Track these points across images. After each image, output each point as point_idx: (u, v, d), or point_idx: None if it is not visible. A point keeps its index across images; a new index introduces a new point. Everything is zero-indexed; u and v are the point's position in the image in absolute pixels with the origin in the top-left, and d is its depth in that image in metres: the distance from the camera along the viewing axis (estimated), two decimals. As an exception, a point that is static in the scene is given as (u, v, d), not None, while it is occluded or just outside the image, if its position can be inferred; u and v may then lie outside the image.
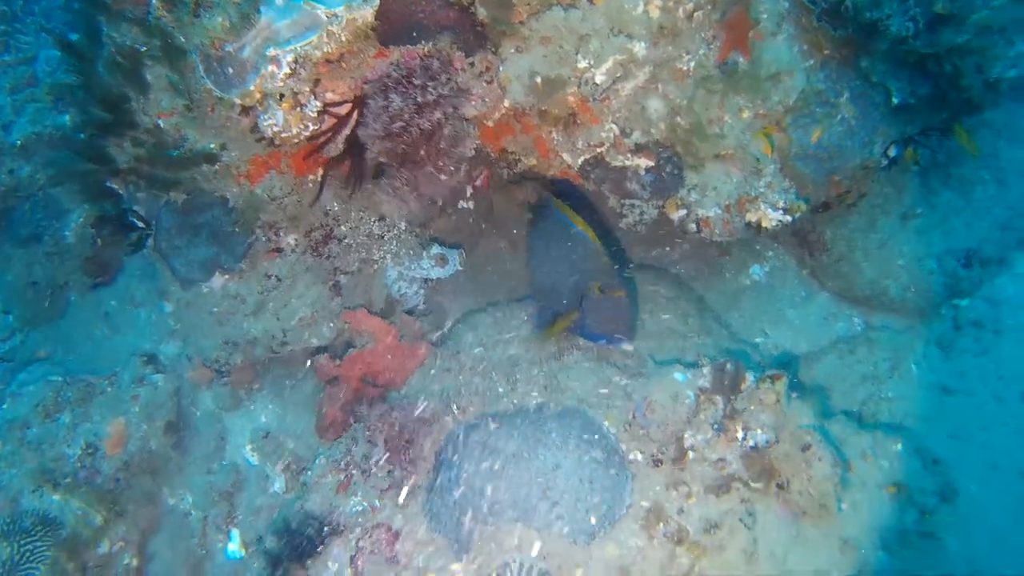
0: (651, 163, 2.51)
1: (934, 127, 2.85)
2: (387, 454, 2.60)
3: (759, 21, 2.40)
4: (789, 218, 2.61)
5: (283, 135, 2.31)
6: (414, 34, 2.28)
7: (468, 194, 3.07)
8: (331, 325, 2.90)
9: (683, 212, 2.60)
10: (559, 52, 2.26)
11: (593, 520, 2.36)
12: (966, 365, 2.95)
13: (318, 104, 2.31)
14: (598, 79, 2.28)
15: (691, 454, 2.39)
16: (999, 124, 3.21)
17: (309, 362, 2.89)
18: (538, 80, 2.28)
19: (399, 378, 2.90)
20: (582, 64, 2.26)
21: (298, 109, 2.27)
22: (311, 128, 2.36)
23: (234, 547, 2.87)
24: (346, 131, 2.47)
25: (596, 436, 2.49)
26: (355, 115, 2.42)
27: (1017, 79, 2.64)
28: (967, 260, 2.97)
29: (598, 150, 2.48)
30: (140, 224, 2.83)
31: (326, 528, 2.43)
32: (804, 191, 2.66)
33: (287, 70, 2.18)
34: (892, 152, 2.77)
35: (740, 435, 2.37)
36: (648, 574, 2.32)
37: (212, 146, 2.62)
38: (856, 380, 2.95)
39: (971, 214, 3.03)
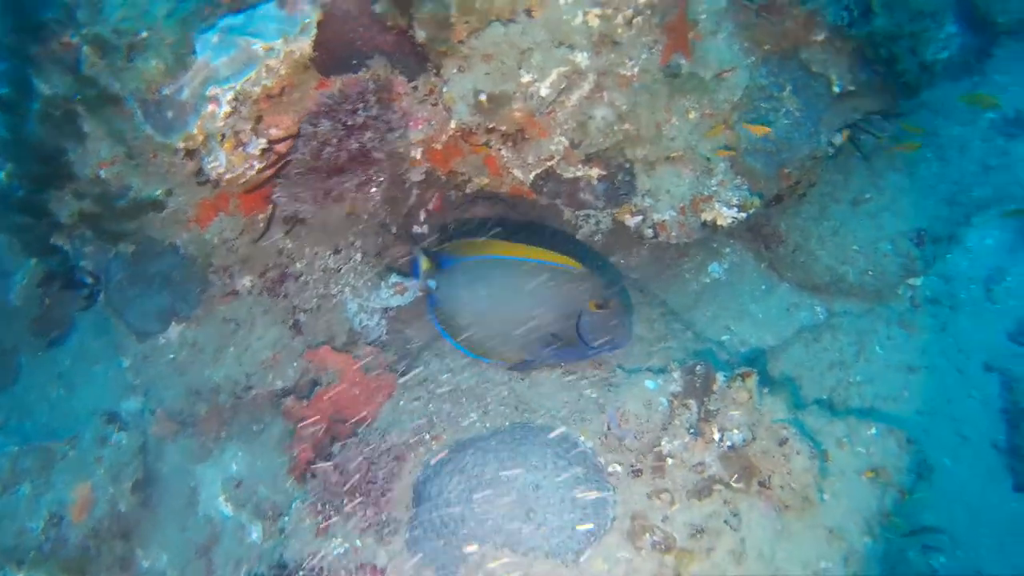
0: (603, 172, 2.51)
1: (875, 112, 2.91)
2: (363, 492, 2.55)
3: (698, 22, 2.42)
4: (744, 215, 2.63)
5: (227, 176, 2.26)
6: (354, 62, 2.25)
7: (422, 219, 3.05)
8: (295, 365, 2.85)
9: (639, 218, 2.60)
10: (502, 68, 2.24)
11: (579, 538, 2.33)
12: (927, 342, 3.00)
13: (262, 142, 2.26)
14: (543, 92, 2.27)
15: (670, 460, 2.38)
16: (935, 103, 3.29)
17: (276, 405, 2.83)
18: (483, 98, 2.27)
19: (369, 412, 2.85)
20: (526, 78, 2.25)
21: (240, 148, 2.23)
22: (256, 166, 2.31)
23: (216, 603, 2.79)
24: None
25: (573, 452, 2.47)
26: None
27: (949, 60, 2.71)
28: (919, 239, 3.02)
29: (548, 163, 2.47)
30: (89, 280, 2.75)
31: (310, 574, 2.37)
32: (756, 186, 2.68)
33: (227, 108, 2.13)
34: (836, 140, 2.81)
35: (717, 437, 2.36)
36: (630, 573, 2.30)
37: (158, 193, 2.56)
38: (824, 368, 2.99)
39: (918, 193, 3.09)
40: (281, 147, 2.36)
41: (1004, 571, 2.57)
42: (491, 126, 2.32)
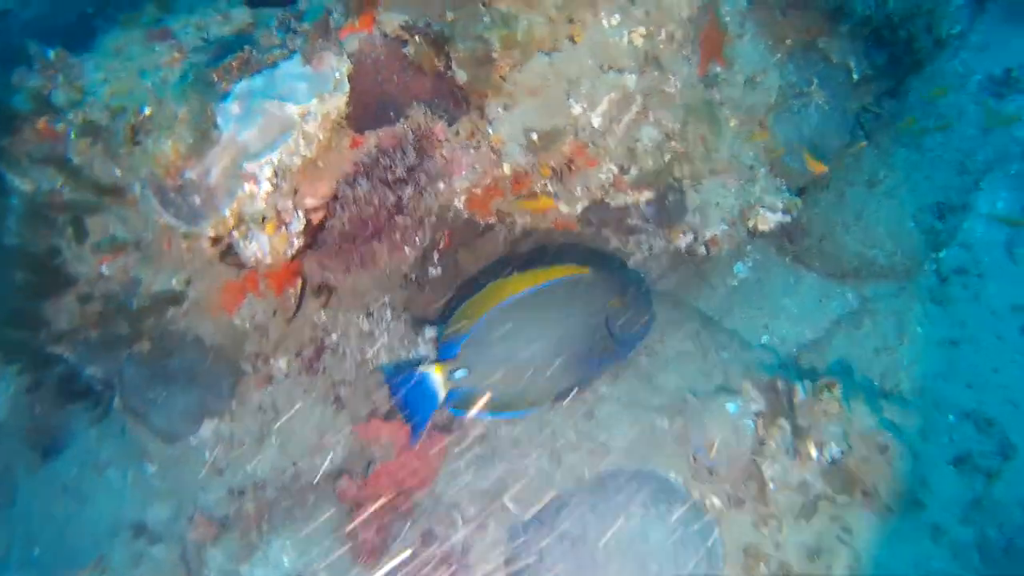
0: (651, 195, 2.39)
1: (886, 92, 2.90)
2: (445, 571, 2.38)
3: (726, 27, 2.34)
4: (788, 217, 2.56)
5: (269, 261, 2.03)
6: (390, 113, 2.06)
7: (436, 259, 2.87)
8: (343, 444, 2.63)
9: (690, 237, 2.50)
10: (550, 102, 2.09)
11: (696, 580, 2.23)
12: (963, 313, 3.02)
13: (301, 217, 2.04)
14: (595, 122, 2.13)
15: (771, 485, 2.30)
16: (929, 74, 3.31)
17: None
18: (534, 136, 2.11)
19: (428, 477, 2.66)
20: (577, 109, 2.11)
21: (283, 228, 2.00)
22: (296, 244, 2.08)
23: None
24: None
25: (669, 492, 2.36)
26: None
27: (960, 33, 2.72)
28: (940, 212, 3.04)
29: (598, 193, 2.34)
30: (99, 387, 2.46)
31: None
32: (794, 185, 2.62)
33: (268, 187, 1.91)
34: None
35: (815, 453, 2.30)
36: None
37: (174, 283, 2.29)
38: (870, 355, 2.97)
39: (929, 166, 3.10)
40: (316, 216, 2.15)
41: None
42: (545, 165, 2.16)
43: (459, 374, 2.29)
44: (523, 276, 2.34)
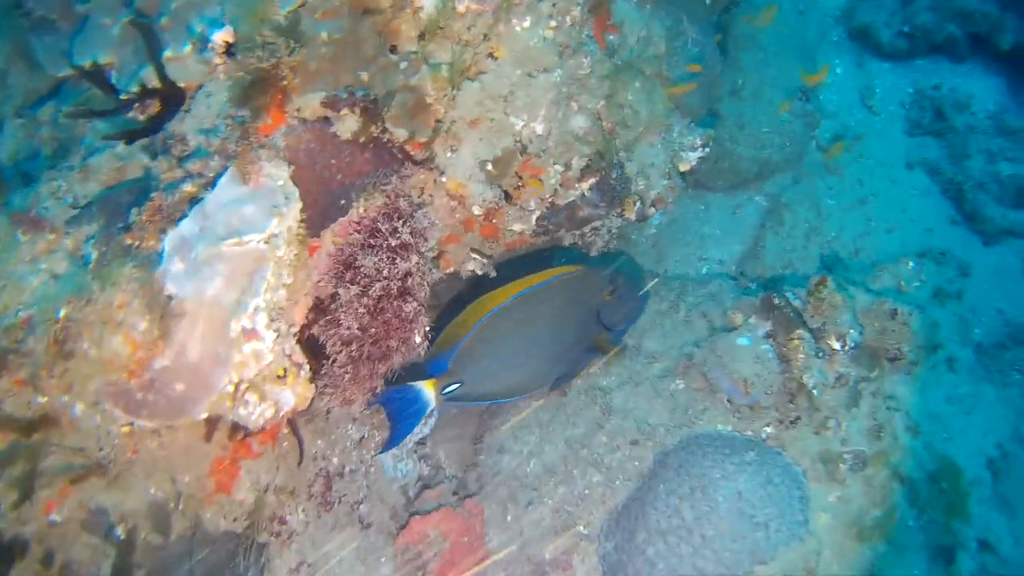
0: (595, 179, 2.34)
1: (728, 4, 3.02)
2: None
3: (602, -9, 2.31)
4: (706, 150, 2.61)
5: (282, 414, 1.75)
6: (341, 201, 1.83)
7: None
8: (385, 561, 2.38)
9: (638, 205, 2.47)
10: (493, 126, 1.97)
11: (798, 509, 2.25)
12: (857, 173, 3.27)
13: (299, 351, 1.77)
14: (539, 129, 2.03)
15: (815, 391, 2.35)
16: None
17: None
18: (489, 168, 1.98)
19: (479, 546, 2.49)
20: (519, 124, 2.00)
21: (300, 372, 1.72)
22: (307, 385, 1.80)
23: None
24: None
25: (729, 444, 2.35)
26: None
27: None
28: (803, 95, 3.23)
29: (549, 199, 2.25)
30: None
31: None
32: (698, 117, 2.68)
33: (271, 335, 1.62)
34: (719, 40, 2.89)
35: (838, 345, 2.38)
36: (860, 505, 2.27)
37: (153, 491, 1.93)
38: (802, 242, 3.12)
39: (774, 59, 3.27)
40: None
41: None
42: (507, 189, 2.04)
43: (452, 388, 2.19)
44: (511, 286, 2.25)
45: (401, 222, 1.76)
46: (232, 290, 1.60)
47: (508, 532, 2.52)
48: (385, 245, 1.75)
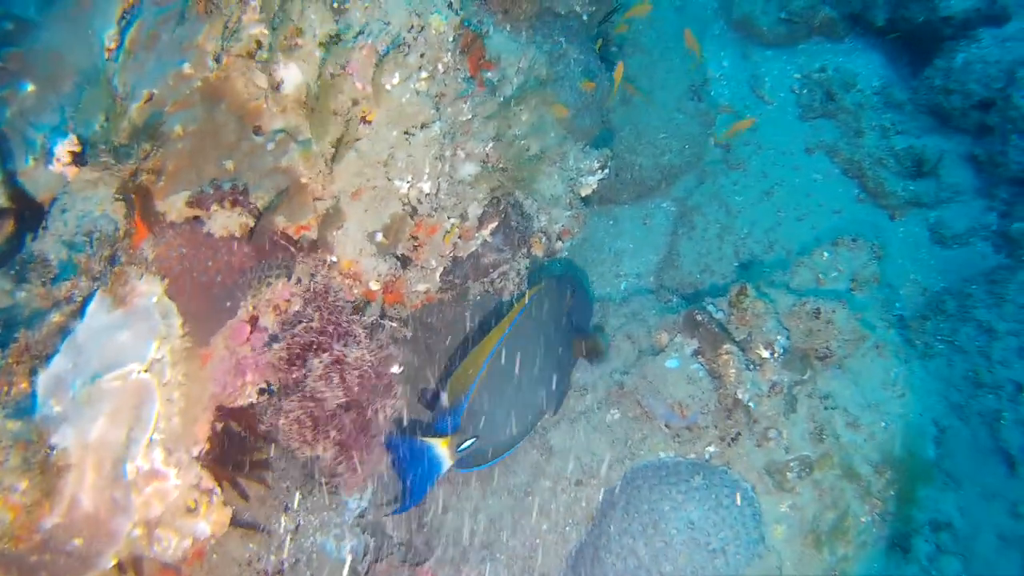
0: (494, 223, 2.25)
1: (605, 17, 2.98)
2: None
3: (471, 25, 2.22)
4: (607, 169, 2.55)
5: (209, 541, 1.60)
6: (227, 304, 1.70)
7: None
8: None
9: (544, 240, 2.40)
10: (376, 193, 1.86)
11: (752, 527, 2.21)
12: (759, 164, 3.26)
13: (205, 475, 1.62)
14: (426, 188, 1.93)
15: (751, 404, 2.32)
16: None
17: None
18: (380, 238, 1.87)
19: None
20: (403, 186, 1.89)
21: (212, 499, 1.58)
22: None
23: None
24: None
25: (673, 472, 2.30)
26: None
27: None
28: (694, 94, 3.21)
29: (449, 254, 2.15)
30: None
31: None
32: (593, 136, 2.62)
33: (173, 469, 1.47)
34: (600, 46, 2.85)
35: (768, 354, 2.34)
36: (814, 511, 2.25)
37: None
38: (716, 243, 3.10)
39: (660, 60, 3.25)
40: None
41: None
42: (402, 254, 1.93)
43: (468, 444, 2.14)
44: (494, 330, 2.21)
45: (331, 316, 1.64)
46: (119, 428, 1.45)
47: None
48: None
